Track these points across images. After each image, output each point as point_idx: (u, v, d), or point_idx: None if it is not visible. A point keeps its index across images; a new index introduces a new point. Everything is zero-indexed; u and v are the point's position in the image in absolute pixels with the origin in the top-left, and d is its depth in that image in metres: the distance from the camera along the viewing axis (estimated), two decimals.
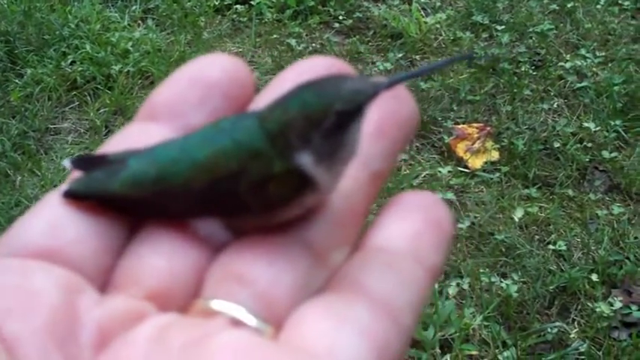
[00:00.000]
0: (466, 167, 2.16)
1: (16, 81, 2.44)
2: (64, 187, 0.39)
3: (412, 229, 0.39)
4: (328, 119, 0.36)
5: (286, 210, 0.39)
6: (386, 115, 0.41)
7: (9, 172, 2.14)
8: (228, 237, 0.39)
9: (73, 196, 0.39)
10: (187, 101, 0.42)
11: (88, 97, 2.41)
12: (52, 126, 2.33)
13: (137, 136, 0.41)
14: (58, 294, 0.35)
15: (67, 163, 0.41)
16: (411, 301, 0.37)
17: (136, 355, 0.34)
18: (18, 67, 2.51)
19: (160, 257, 0.38)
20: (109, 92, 2.41)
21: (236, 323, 0.36)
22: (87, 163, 0.41)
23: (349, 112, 0.37)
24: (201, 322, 0.36)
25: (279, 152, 0.38)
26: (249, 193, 0.38)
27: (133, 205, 0.40)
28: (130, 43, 2.57)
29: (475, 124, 2.29)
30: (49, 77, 2.43)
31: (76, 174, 0.41)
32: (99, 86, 2.43)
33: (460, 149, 2.21)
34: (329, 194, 0.40)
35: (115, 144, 0.42)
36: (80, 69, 2.47)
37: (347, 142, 0.38)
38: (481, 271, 1.85)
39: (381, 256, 0.38)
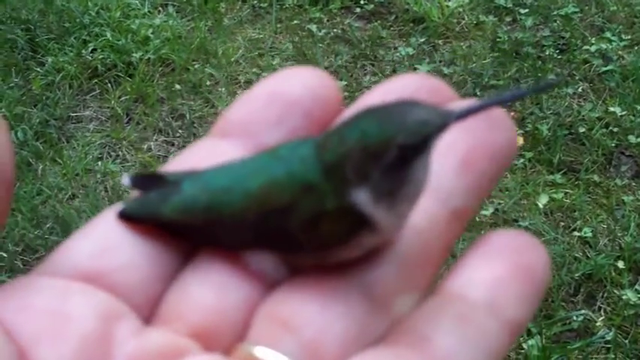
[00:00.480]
0: None
1: (38, 69, 2.44)
2: (119, 206, 0.37)
3: (494, 275, 0.35)
4: (389, 153, 0.33)
5: (343, 250, 0.35)
6: (475, 145, 0.37)
7: (31, 160, 2.14)
8: (284, 273, 0.36)
9: (127, 218, 0.37)
10: (264, 119, 0.39)
11: (109, 85, 2.40)
12: (73, 114, 2.32)
13: (207, 153, 0.39)
14: (94, 321, 0.33)
15: (125, 180, 0.39)
16: None
17: None
18: (39, 56, 2.50)
19: (208, 292, 0.35)
20: (130, 80, 2.40)
21: None
22: (145, 181, 0.39)
23: (413, 146, 0.33)
24: None
25: (334, 187, 0.34)
26: (300, 229, 0.35)
27: (185, 231, 0.37)
28: (151, 30, 2.56)
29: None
30: (70, 65, 2.43)
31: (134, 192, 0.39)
32: (120, 74, 2.42)
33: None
34: (392, 235, 0.36)
35: (184, 160, 0.40)
36: (101, 57, 2.46)
37: (411, 178, 0.34)
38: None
39: (453, 306, 0.34)
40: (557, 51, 2.50)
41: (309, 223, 0.35)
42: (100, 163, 2.14)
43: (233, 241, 0.36)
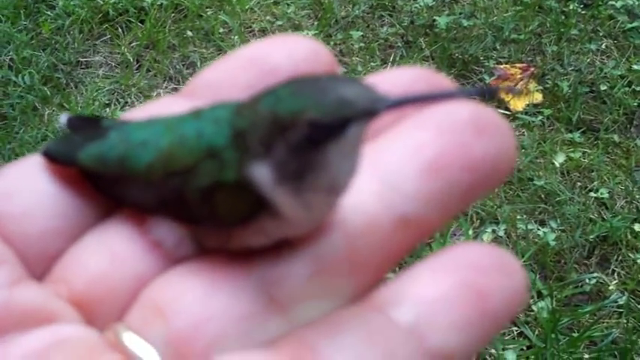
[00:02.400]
0: (507, 109, 2.07)
1: (48, 12, 2.39)
2: (45, 145, 0.34)
3: (433, 293, 0.30)
4: (298, 128, 0.29)
5: (245, 234, 0.31)
6: (450, 150, 0.32)
7: (37, 105, 2.10)
8: (189, 250, 0.33)
9: (48, 157, 0.34)
10: (234, 83, 0.36)
11: (120, 30, 2.35)
12: (82, 59, 2.28)
13: (164, 108, 0.36)
14: None
15: (63, 119, 0.37)
16: None
17: None
18: None
19: (102, 258, 0.32)
20: (141, 25, 2.35)
21: None
22: (81, 124, 0.37)
23: (327, 126, 0.28)
24: (94, 355, 0.30)
25: (237, 158, 0.30)
26: (197, 198, 0.32)
27: (98, 181, 0.34)
28: None
29: (518, 65, 2.20)
30: (81, 9, 2.38)
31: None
32: (131, 19, 2.37)
33: (501, 90, 2.11)
34: (302, 228, 0.31)
35: (139, 112, 0.37)
36: (112, 1, 2.41)
37: (325, 165, 0.29)
38: (518, 217, 1.78)
39: (365, 320, 0.30)
40: (582, 6, 2.42)
41: (206, 192, 0.31)
42: (107, 109, 2.10)
43: (140, 202, 0.33)
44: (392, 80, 0.34)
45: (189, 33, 2.33)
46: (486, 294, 0.29)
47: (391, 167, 0.33)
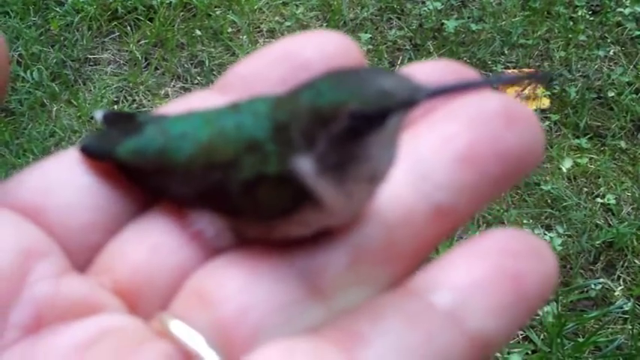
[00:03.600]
0: None
1: (57, 9, 2.39)
2: (82, 140, 0.35)
3: (469, 279, 0.30)
4: (339, 120, 0.29)
5: (287, 225, 0.32)
6: (482, 139, 0.32)
7: (45, 101, 2.10)
8: (229, 240, 0.34)
9: (86, 153, 0.35)
10: (266, 78, 0.36)
11: (129, 28, 2.36)
12: (91, 56, 2.28)
13: (199, 103, 0.36)
14: (12, 254, 0.31)
15: (99, 115, 0.37)
16: None
17: (55, 358, 0.30)
18: None
19: (144, 249, 0.33)
20: (150, 24, 2.35)
21: (187, 354, 0.30)
22: (116, 119, 0.37)
23: (367, 117, 0.29)
24: (141, 344, 0.30)
25: (279, 150, 0.31)
26: (240, 191, 0.32)
27: (137, 174, 0.35)
28: None
29: (526, 70, 2.20)
30: (90, 6, 2.38)
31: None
32: (140, 17, 2.38)
33: (509, 95, 2.12)
34: (343, 218, 0.32)
35: (174, 107, 0.37)
36: None
37: (366, 155, 0.30)
38: (525, 222, 1.78)
39: (406, 305, 0.30)
40: (590, 12, 2.43)
41: (249, 185, 0.32)
42: (115, 107, 2.10)
43: (180, 194, 0.34)
44: (422, 73, 0.34)
45: (198, 32, 2.33)
46: (521, 278, 0.30)
47: (424, 158, 0.33)
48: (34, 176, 0.35)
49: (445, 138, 0.33)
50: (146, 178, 0.35)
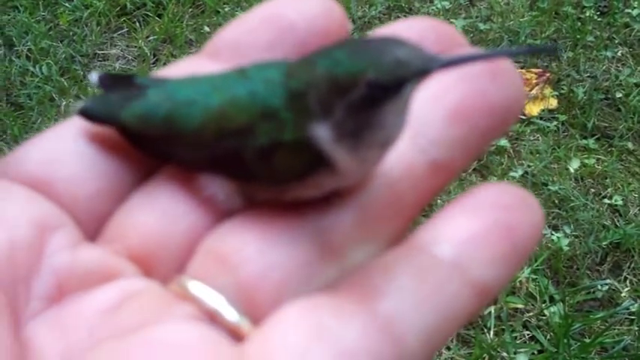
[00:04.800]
0: (522, 114, 2.07)
1: (66, 4, 2.40)
2: (80, 103, 0.35)
3: (468, 231, 0.32)
4: (357, 89, 0.30)
5: (299, 188, 0.33)
6: (471, 95, 0.34)
7: (54, 96, 2.11)
8: (239, 204, 0.34)
9: (86, 116, 0.35)
10: (255, 42, 0.37)
11: (138, 24, 2.36)
12: (99, 51, 2.29)
13: (192, 69, 0.37)
14: (27, 227, 0.32)
15: (93, 76, 0.37)
16: (430, 325, 0.30)
17: (84, 323, 0.31)
18: None
19: (154, 215, 0.34)
20: (159, 20, 2.36)
21: (212, 316, 0.31)
22: (114, 81, 0.37)
23: (384, 86, 0.30)
24: (167, 305, 0.31)
25: (295, 117, 0.32)
26: (255, 157, 0.33)
27: (141, 140, 0.35)
28: None
29: (534, 70, 2.20)
30: (99, 1, 2.39)
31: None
32: (149, 13, 2.38)
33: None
34: (355, 180, 0.34)
35: (167, 72, 0.38)
36: None
37: (381, 122, 0.31)
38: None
39: (413, 260, 0.32)
40: (598, 13, 2.43)
41: (265, 152, 0.33)
42: None
43: (189, 160, 0.35)
44: (402, 31, 0.36)
45: (207, 29, 2.33)
46: (514, 229, 0.32)
47: (419, 115, 0.34)
48: (37, 148, 0.35)
49: (436, 95, 0.35)
50: (151, 143, 0.35)
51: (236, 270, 0.32)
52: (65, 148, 0.35)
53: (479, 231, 0.32)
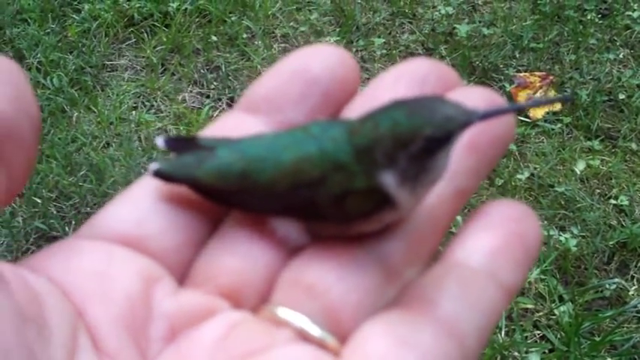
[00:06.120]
0: (527, 117, 2.10)
1: (74, 16, 2.43)
2: (154, 165, 0.40)
3: (492, 244, 0.38)
4: (416, 143, 0.36)
5: (364, 224, 0.39)
6: (480, 130, 0.40)
7: (65, 107, 2.14)
8: (306, 240, 0.40)
9: (162, 177, 0.40)
10: (287, 97, 0.42)
11: (145, 35, 2.39)
12: (108, 62, 2.32)
13: (234, 126, 0.42)
14: (136, 282, 0.37)
15: (160, 141, 0.42)
16: (480, 325, 0.36)
17: (201, 354, 0.36)
18: (75, 2, 2.49)
19: (234, 256, 0.39)
20: (166, 30, 2.39)
21: (302, 335, 0.36)
22: (178, 144, 0.42)
23: (438, 139, 0.36)
24: (269, 330, 0.36)
25: (363, 168, 0.38)
26: (327, 203, 0.38)
27: (218, 194, 0.40)
28: None
29: (537, 73, 2.23)
30: (107, 13, 2.42)
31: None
32: (156, 23, 2.41)
33: (521, 98, 2.15)
34: (409, 213, 0.40)
35: (213, 130, 0.43)
36: (137, 5, 2.45)
37: (433, 166, 0.37)
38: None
39: (455, 273, 0.38)
40: (599, 16, 2.46)
41: (337, 198, 0.38)
42: (134, 112, 2.14)
43: (263, 208, 0.40)
44: (407, 74, 0.42)
45: (214, 38, 2.36)
46: (525, 237, 0.38)
47: None
48: (122, 209, 0.39)
49: None
50: (226, 197, 0.40)
51: (322, 296, 0.37)
52: (147, 207, 0.40)
53: (501, 242, 0.38)
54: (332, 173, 0.38)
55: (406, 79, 0.42)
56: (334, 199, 0.38)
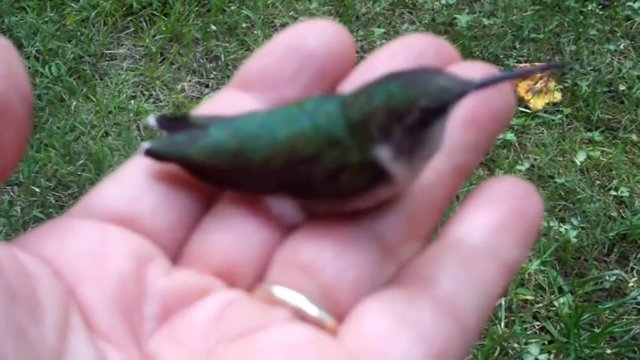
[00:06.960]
0: (527, 107, 2.10)
1: (72, 4, 2.42)
2: (145, 144, 0.39)
3: (493, 221, 0.37)
4: (411, 115, 0.35)
5: (359, 200, 0.38)
6: (479, 104, 0.40)
7: (64, 96, 2.13)
8: (301, 218, 0.39)
9: (154, 156, 0.39)
10: (281, 73, 0.41)
11: (144, 24, 2.38)
12: (107, 51, 2.31)
13: (228, 104, 0.42)
14: (129, 261, 0.36)
15: (152, 120, 0.41)
16: (480, 303, 0.36)
17: (195, 334, 0.35)
18: None
19: (228, 235, 0.38)
20: (165, 19, 2.38)
21: (299, 314, 0.36)
22: (171, 123, 0.41)
23: (433, 110, 0.36)
24: (264, 309, 0.36)
25: (357, 142, 0.37)
26: (322, 179, 0.38)
27: (210, 173, 0.39)
28: None
29: (538, 64, 2.22)
30: (106, 1, 2.40)
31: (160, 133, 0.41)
32: (155, 12, 2.40)
33: (522, 89, 2.15)
34: (405, 188, 0.39)
35: (207, 108, 0.42)
36: None
37: (429, 139, 0.37)
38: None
39: (455, 250, 0.37)
40: (600, 6, 2.45)
41: (332, 173, 0.38)
42: (133, 101, 2.13)
43: (257, 186, 0.39)
44: (404, 48, 0.42)
45: (213, 27, 2.35)
46: (526, 214, 0.38)
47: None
48: (114, 189, 0.39)
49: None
50: (220, 175, 0.39)
51: (318, 274, 0.37)
52: (140, 186, 0.39)
53: (501, 219, 0.37)
54: (326, 149, 0.37)
55: (403, 54, 0.41)
56: (329, 175, 0.38)
